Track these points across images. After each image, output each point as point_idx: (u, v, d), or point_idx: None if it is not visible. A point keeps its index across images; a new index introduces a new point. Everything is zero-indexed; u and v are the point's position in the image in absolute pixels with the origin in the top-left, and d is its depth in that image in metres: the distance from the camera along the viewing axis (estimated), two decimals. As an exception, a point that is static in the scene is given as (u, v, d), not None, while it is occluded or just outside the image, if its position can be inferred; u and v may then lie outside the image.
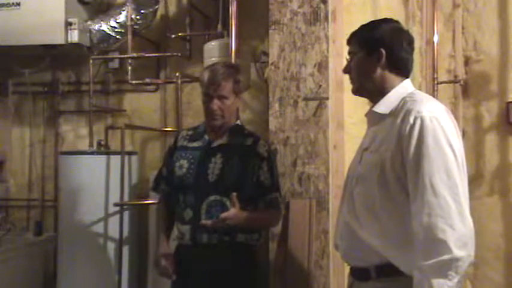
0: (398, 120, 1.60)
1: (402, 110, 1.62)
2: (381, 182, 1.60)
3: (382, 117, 1.69)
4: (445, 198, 1.47)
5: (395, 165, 1.57)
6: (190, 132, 2.44)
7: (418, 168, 1.51)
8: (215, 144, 2.31)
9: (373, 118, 1.75)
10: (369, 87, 1.73)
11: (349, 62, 1.78)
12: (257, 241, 2.32)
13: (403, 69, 1.73)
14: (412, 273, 1.50)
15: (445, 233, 1.44)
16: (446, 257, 1.43)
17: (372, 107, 1.75)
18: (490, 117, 3.35)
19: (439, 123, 1.53)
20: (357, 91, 1.79)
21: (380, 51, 1.69)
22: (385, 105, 1.69)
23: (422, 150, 1.51)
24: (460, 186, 1.50)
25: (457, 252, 1.43)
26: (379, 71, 1.70)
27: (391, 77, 1.71)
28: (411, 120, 1.55)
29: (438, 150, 1.50)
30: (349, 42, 1.80)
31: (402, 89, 1.70)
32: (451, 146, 1.52)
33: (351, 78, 1.79)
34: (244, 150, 2.29)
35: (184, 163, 2.33)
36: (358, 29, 1.79)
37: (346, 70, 1.80)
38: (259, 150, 2.29)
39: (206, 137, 2.35)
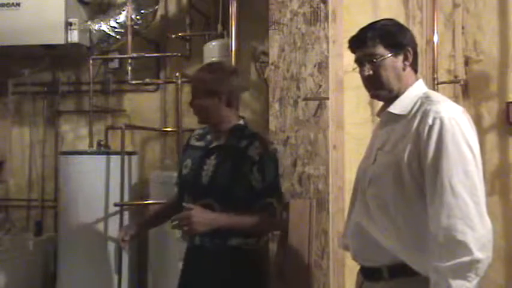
0: (416, 121, 1.58)
1: (419, 110, 1.60)
2: (397, 182, 1.58)
3: (397, 117, 1.67)
4: (464, 199, 1.46)
5: (412, 166, 1.56)
6: (200, 131, 2.42)
7: (437, 169, 1.49)
8: (212, 145, 2.28)
9: (388, 118, 1.71)
10: (395, 88, 1.68)
11: (372, 65, 1.67)
12: (254, 245, 2.23)
13: (417, 68, 1.73)
14: (428, 274, 1.49)
15: (465, 234, 1.43)
16: (466, 258, 1.42)
17: (386, 107, 1.71)
18: (490, 117, 3.34)
19: (458, 124, 1.52)
20: (384, 95, 1.70)
21: (408, 50, 1.67)
22: (401, 106, 1.66)
23: (442, 151, 1.50)
24: (479, 187, 1.49)
25: (478, 254, 1.42)
26: (407, 69, 1.69)
27: (411, 75, 1.70)
28: (430, 121, 1.54)
29: (457, 151, 1.49)
30: (362, 46, 1.69)
31: (416, 89, 1.69)
32: (469, 146, 1.51)
33: (372, 82, 1.69)
34: (237, 153, 2.21)
35: (189, 162, 2.31)
36: (372, 30, 1.69)
37: (370, 76, 1.67)
38: (250, 154, 2.19)
39: (208, 137, 2.33)
